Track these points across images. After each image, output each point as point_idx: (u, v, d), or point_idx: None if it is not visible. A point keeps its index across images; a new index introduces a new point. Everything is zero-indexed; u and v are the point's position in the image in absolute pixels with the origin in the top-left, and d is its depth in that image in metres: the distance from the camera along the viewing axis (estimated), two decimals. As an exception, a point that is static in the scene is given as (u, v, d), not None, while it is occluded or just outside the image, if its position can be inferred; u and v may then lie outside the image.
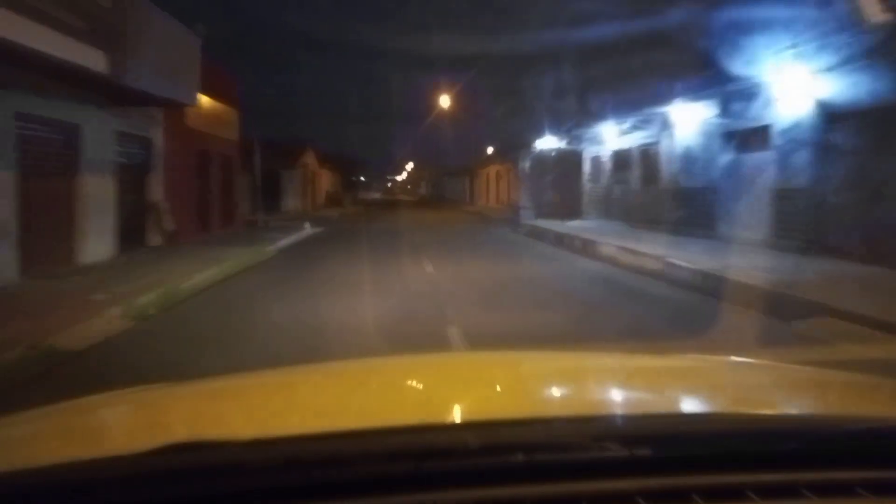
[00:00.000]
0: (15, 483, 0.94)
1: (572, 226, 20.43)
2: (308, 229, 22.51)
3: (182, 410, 1.49)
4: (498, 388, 1.68)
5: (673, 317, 7.83)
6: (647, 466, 1.02)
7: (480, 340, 6.22)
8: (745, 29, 12.47)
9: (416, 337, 6.49)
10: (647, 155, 19.12)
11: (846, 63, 10.39)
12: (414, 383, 1.76)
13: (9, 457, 1.10)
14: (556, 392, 1.66)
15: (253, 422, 1.35)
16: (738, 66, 12.94)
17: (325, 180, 50.58)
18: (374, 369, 2.01)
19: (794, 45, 11.36)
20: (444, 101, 44.53)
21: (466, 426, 1.22)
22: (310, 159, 40.79)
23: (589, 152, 24.42)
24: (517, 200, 36.39)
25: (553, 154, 25.35)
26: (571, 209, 25.85)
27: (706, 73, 14.38)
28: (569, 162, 26.62)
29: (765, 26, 12.02)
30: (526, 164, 34.51)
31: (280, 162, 36.00)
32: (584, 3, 26.09)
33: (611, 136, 21.22)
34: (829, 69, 10.84)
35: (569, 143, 24.22)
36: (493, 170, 44.97)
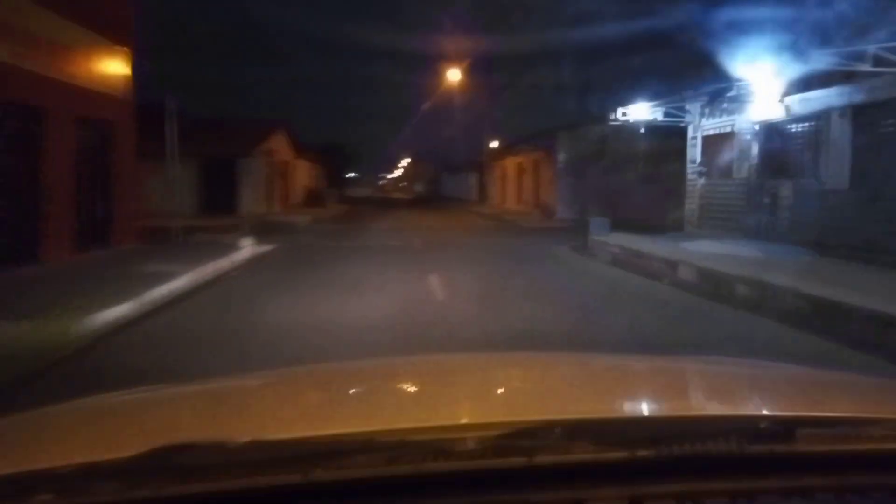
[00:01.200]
0: (11, 485, 0.93)
1: (706, 251, 11.40)
2: (245, 250, 13.39)
3: (179, 411, 1.44)
4: (498, 391, 1.66)
5: None
6: (649, 469, 1.00)
7: None
8: None
9: None
10: (873, 124, 10.11)
11: None
12: (413, 385, 1.71)
13: (5, 458, 1.09)
14: (556, 394, 1.60)
15: (251, 423, 1.33)
16: None
17: (304, 174, 41.29)
18: (374, 371, 1.94)
19: None
20: (453, 75, 35.68)
21: (466, 428, 1.19)
22: (279, 145, 31.52)
23: (702, 128, 15.40)
24: (550, 201, 27.41)
25: (641, 132, 16.16)
26: (666, 218, 16.92)
27: None
28: (659, 144, 17.66)
29: None
30: (564, 154, 25.51)
31: (235, 147, 26.87)
32: None
33: (761, 96, 12.24)
34: None
35: (667, 115, 15.23)
36: (511, 162, 35.87)
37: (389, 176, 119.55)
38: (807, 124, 11.66)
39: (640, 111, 15.20)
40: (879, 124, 10.05)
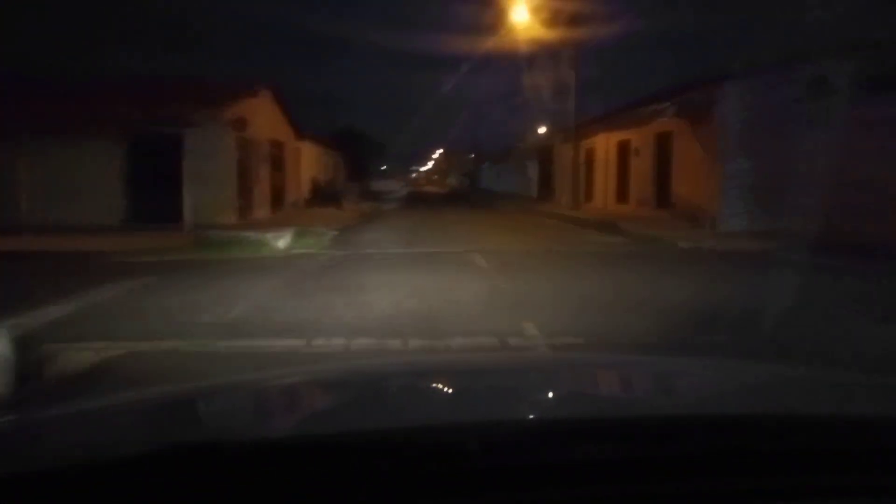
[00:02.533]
0: (18, 485, 0.91)
1: None
2: None
3: (188, 411, 1.42)
4: (499, 391, 1.60)
5: None
6: (649, 469, 0.98)
7: None
8: None
9: None
10: None
11: None
12: (415, 385, 1.68)
13: (11, 460, 1.07)
14: (556, 394, 1.59)
15: (259, 423, 1.34)
16: None
17: (312, 163, 30.68)
18: (376, 371, 1.92)
19: None
20: (520, 15, 24.92)
21: (465, 427, 1.14)
22: (264, 116, 20.89)
23: None
24: (700, 200, 16.51)
25: None
26: None
27: None
28: None
29: None
30: (740, 118, 14.53)
31: (179, 110, 16.46)
32: None
33: None
34: None
35: None
36: (606, 141, 24.75)
37: (422, 168, 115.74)
38: None
39: None
40: None
